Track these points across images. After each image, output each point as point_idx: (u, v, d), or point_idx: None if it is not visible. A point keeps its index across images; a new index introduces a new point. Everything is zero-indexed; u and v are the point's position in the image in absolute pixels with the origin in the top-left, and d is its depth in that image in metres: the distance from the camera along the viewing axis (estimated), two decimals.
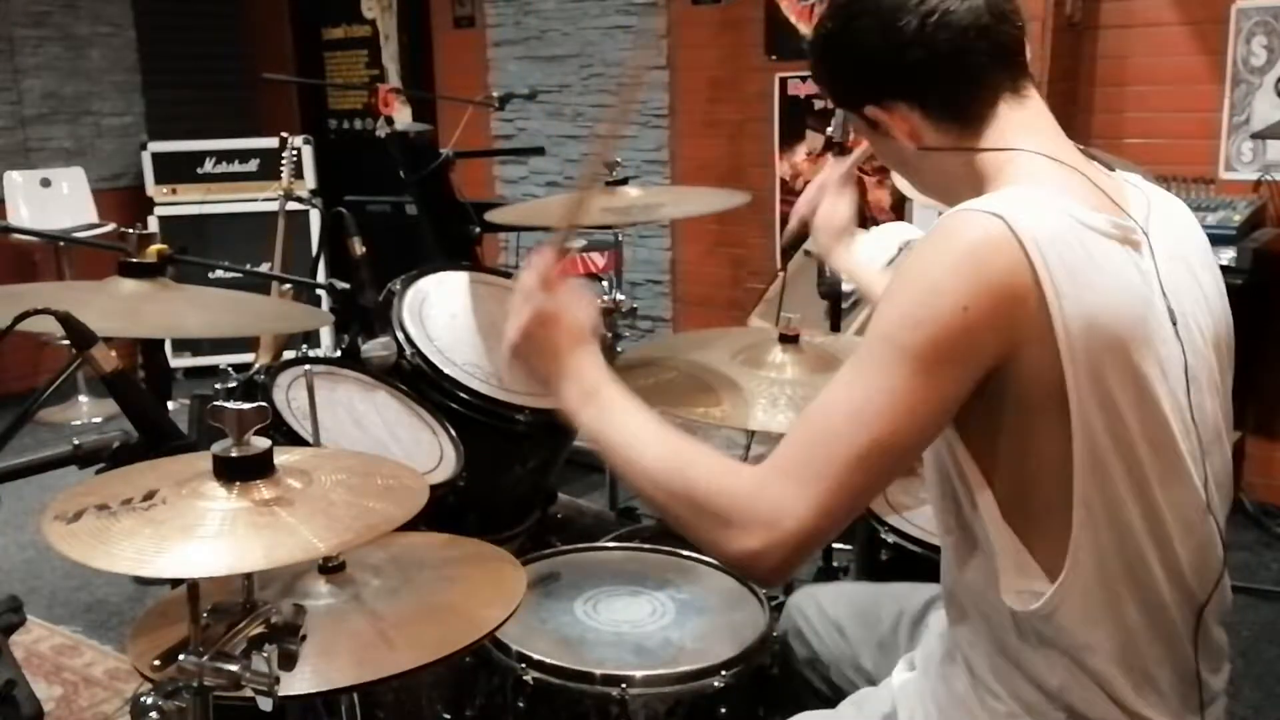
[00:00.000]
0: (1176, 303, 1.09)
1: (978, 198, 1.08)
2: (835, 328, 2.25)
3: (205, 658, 0.99)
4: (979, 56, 1.13)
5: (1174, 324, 1.08)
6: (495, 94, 3.72)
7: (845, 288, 2.53)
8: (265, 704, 1.02)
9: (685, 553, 1.84)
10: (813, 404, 1.07)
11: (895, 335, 1.03)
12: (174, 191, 5.53)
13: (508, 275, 2.44)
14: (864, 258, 1.84)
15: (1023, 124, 1.15)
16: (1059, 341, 1.01)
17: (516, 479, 2.18)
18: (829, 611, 1.55)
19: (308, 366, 1.80)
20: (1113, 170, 1.19)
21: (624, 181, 2.38)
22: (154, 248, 1.78)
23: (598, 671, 1.47)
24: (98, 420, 4.78)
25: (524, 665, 1.49)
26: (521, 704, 1.49)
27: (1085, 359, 1.01)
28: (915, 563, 1.74)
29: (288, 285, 3.19)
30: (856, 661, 1.50)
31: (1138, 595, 1.09)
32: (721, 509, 1.06)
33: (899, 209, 4.25)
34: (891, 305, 1.05)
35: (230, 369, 1.86)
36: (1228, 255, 3.15)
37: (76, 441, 1.41)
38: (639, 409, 1.19)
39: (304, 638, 1.03)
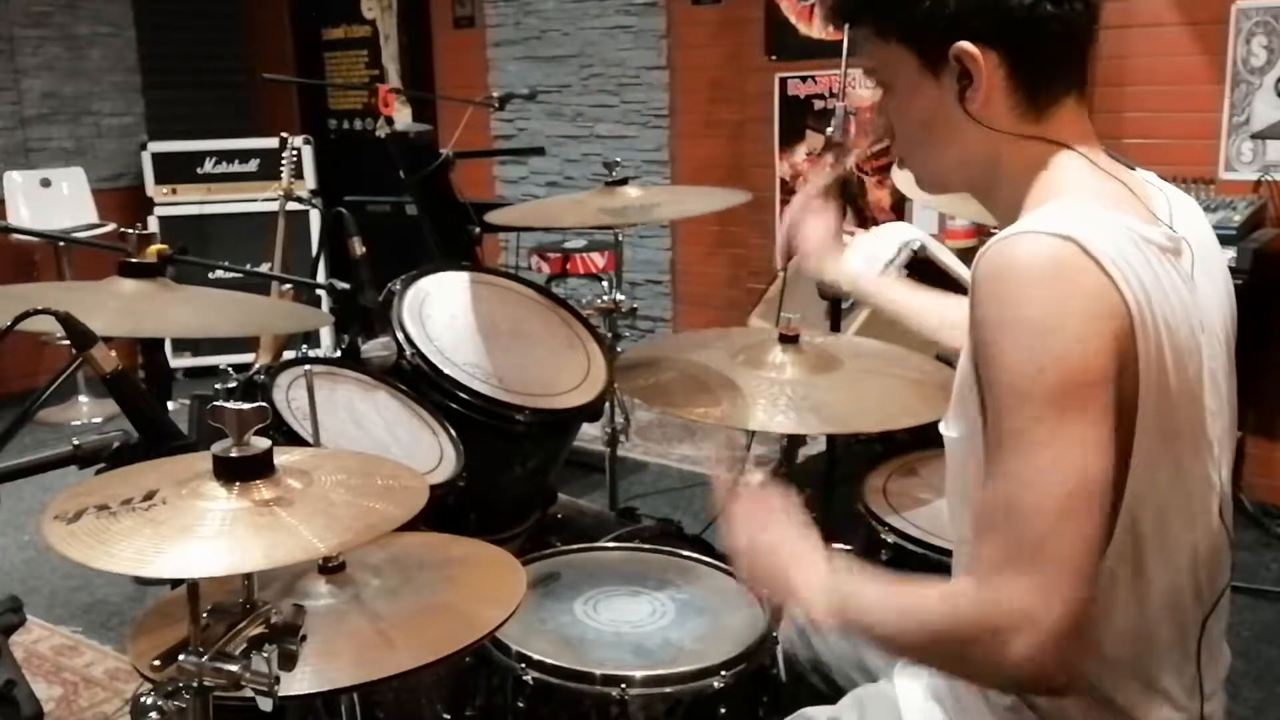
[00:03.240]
0: (1203, 309, 1.08)
1: (1031, 216, 1.03)
2: (835, 328, 2.25)
3: (205, 658, 0.99)
4: (1088, 26, 1.09)
5: (1202, 329, 1.07)
6: (495, 94, 3.72)
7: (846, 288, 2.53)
8: (265, 704, 1.02)
9: (685, 553, 1.84)
10: (993, 495, 1.00)
11: (1031, 392, 0.96)
12: (174, 191, 5.53)
13: (508, 275, 2.44)
14: (859, 262, 1.82)
15: (1077, 124, 1.12)
16: (1140, 358, 0.99)
17: (516, 479, 2.18)
18: None
19: (308, 366, 1.80)
20: (1133, 170, 1.17)
21: (624, 182, 2.38)
22: (154, 248, 1.78)
23: (598, 671, 1.47)
24: (98, 420, 4.78)
25: (524, 665, 1.48)
26: (521, 704, 1.49)
27: (1156, 376, 1.00)
28: (915, 563, 1.74)
29: (288, 285, 3.20)
30: (859, 661, 1.50)
31: (1162, 607, 1.09)
32: (972, 640, 0.98)
33: (899, 209, 4.25)
34: (1008, 361, 0.98)
35: (230, 369, 1.86)
36: (1228, 255, 3.15)
37: (76, 441, 1.41)
38: (874, 589, 1.11)
39: (304, 638, 1.03)
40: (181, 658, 0.99)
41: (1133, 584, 1.07)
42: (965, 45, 1.07)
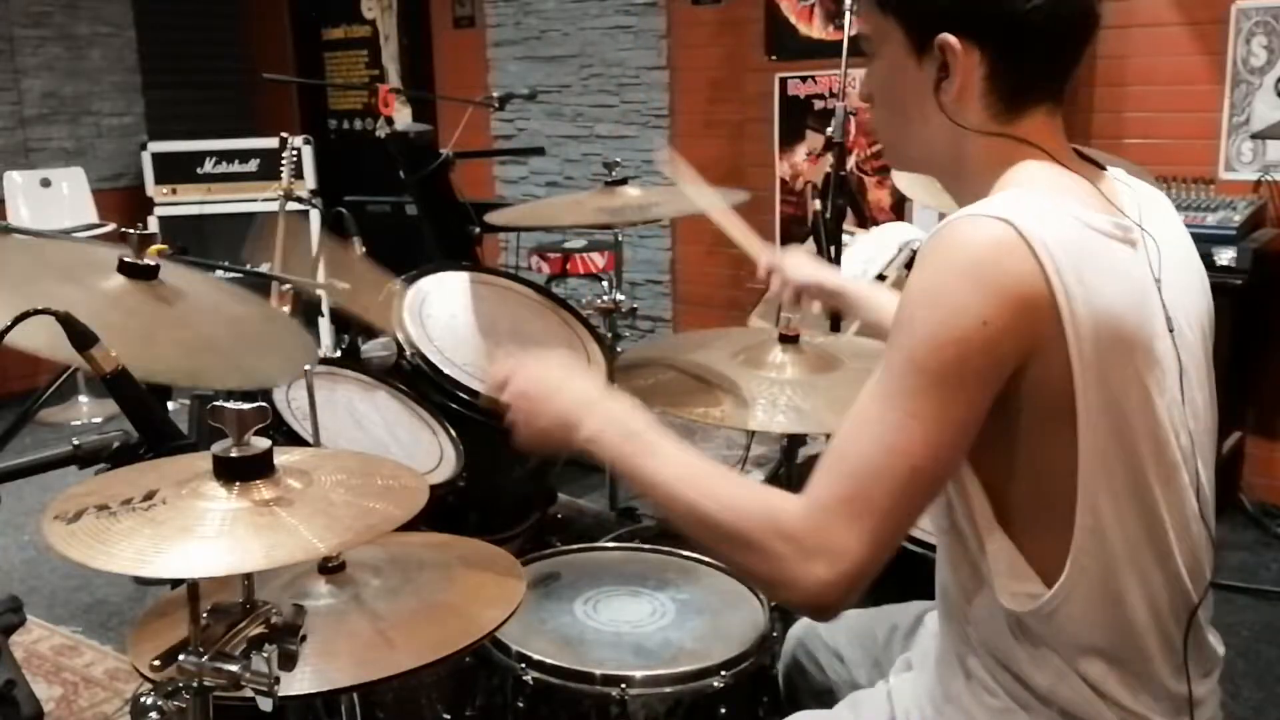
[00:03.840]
0: (1170, 301, 1.09)
1: (979, 202, 1.06)
2: (835, 328, 2.25)
3: (205, 658, 0.99)
4: (1078, 48, 1.11)
5: (1169, 322, 1.08)
6: (495, 94, 3.72)
7: None
8: (265, 704, 1.02)
9: (685, 553, 1.84)
10: (843, 435, 1.04)
11: (918, 358, 1.00)
12: (174, 191, 5.53)
13: (508, 275, 2.44)
14: (858, 261, 1.84)
15: (1047, 131, 1.13)
16: (1069, 346, 1.00)
17: (516, 479, 2.18)
18: (828, 640, 1.55)
19: (308, 366, 1.80)
20: (1104, 169, 1.18)
21: (623, 182, 2.38)
22: (154, 248, 1.78)
23: (598, 671, 1.47)
24: (98, 420, 4.78)
25: (524, 665, 1.49)
26: (521, 704, 1.49)
27: (1094, 362, 1.01)
28: (915, 563, 1.74)
29: (288, 285, 3.19)
30: (854, 683, 1.50)
31: (1136, 597, 1.09)
32: (774, 552, 1.03)
33: (899, 209, 4.25)
34: (910, 325, 1.02)
35: None
36: (1228, 255, 3.15)
37: (76, 441, 1.40)
38: (669, 440, 1.15)
39: (304, 638, 1.03)
40: (181, 658, 0.99)
41: (1102, 580, 1.07)
42: (950, 39, 1.08)
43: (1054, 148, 1.13)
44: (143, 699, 1.00)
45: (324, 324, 5.35)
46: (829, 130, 2.48)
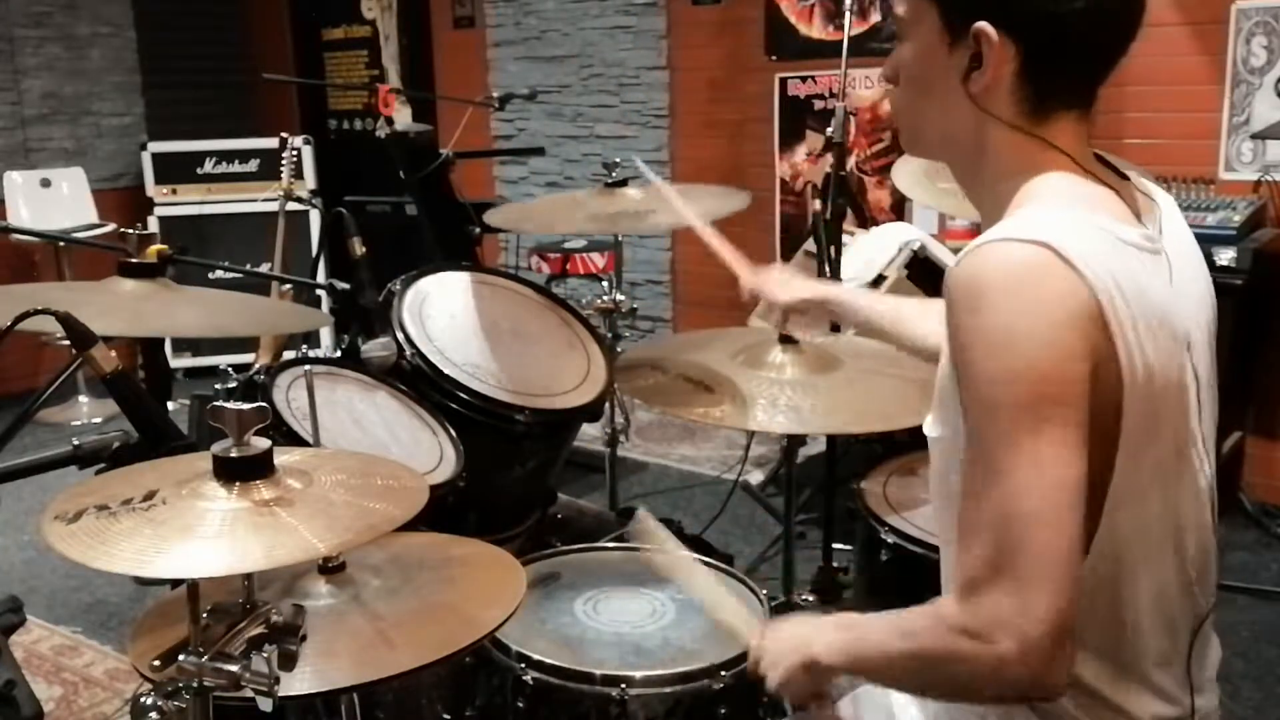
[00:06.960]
0: (1187, 309, 1.08)
1: (1007, 222, 1.04)
2: (835, 328, 2.25)
3: (205, 658, 0.99)
4: (1115, 54, 1.09)
5: (1186, 334, 1.07)
6: (495, 94, 3.72)
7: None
8: (265, 704, 1.02)
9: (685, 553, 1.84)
10: (961, 516, 1.02)
11: (1003, 400, 0.97)
12: (174, 191, 5.53)
13: (508, 275, 2.44)
14: (858, 261, 1.81)
15: (1074, 139, 1.11)
16: (1121, 359, 0.99)
17: (516, 479, 2.18)
18: None
19: (308, 366, 1.80)
20: (1126, 178, 1.16)
21: (623, 183, 2.38)
22: (154, 248, 1.79)
23: (598, 672, 1.47)
24: (98, 420, 4.78)
25: (524, 665, 1.49)
26: (521, 704, 1.49)
27: (1142, 376, 1.00)
28: (915, 563, 1.74)
29: (288, 285, 3.19)
30: None
31: (1148, 607, 1.09)
32: (960, 653, 0.99)
33: (899, 209, 4.25)
34: (978, 372, 0.99)
35: (230, 369, 1.86)
36: (1228, 255, 3.14)
37: (76, 441, 1.41)
38: (858, 636, 1.14)
39: (304, 638, 1.04)
40: (181, 658, 0.99)
41: (1115, 580, 1.07)
42: (987, 28, 1.06)
43: (1079, 154, 1.10)
44: (143, 699, 1.00)
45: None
46: (829, 130, 2.48)
